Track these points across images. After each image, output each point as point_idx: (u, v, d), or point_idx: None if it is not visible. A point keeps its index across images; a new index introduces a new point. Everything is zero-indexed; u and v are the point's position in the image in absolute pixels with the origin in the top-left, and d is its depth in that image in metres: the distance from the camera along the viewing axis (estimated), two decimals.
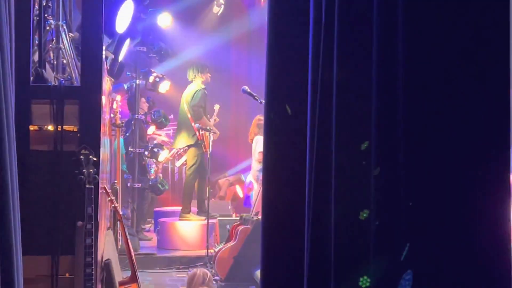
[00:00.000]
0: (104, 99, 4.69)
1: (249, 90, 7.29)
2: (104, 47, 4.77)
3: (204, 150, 9.05)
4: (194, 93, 9.15)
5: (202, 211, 9.16)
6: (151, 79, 9.39)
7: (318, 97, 2.64)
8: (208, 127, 8.87)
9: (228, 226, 8.31)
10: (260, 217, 7.43)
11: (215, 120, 10.06)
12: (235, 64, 13.30)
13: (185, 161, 10.67)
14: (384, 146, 2.36)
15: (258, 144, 9.56)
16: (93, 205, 3.98)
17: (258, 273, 6.95)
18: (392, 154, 2.32)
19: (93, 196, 3.99)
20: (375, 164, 2.38)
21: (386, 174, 2.34)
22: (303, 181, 2.82)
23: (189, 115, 9.16)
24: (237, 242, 7.39)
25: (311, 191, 2.69)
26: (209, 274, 5.71)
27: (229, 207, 11.28)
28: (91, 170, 4.00)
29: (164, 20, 9.45)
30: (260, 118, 9.90)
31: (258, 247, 7.42)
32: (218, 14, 12.79)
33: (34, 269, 4.07)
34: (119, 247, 7.09)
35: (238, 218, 8.25)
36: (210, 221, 8.54)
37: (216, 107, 10.22)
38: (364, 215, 2.40)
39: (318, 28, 2.69)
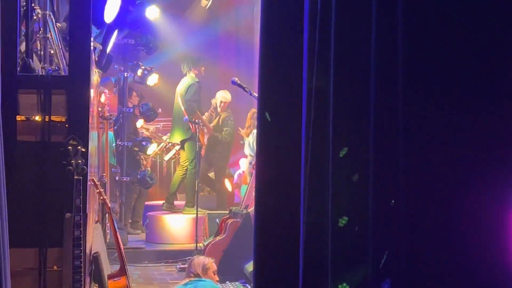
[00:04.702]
0: (92, 91, 4.61)
1: (239, 82, 7.23)
2: (91, 38, 4.70)
3: (199, 143, 8.94)
4: (188, 87, 9.05)
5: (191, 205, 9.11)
6: (139, 72, 9.33)
7: (312, 101, 2.56)
8: (198, 121, 8.78)
9: (217, 220, 8.27)
10: (249, 210, 7.42)
11: (211, 114, 9.88)
12: (223, 58, 13.23)
13: (174, 155, 10.58)
14: (362, 152, 2.30)
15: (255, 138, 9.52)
16: (81, 197, 3.92)
17: (248, 266, 6.91)
18: (370, 160, 2.25)
19: (81, 188, 3.93)
20: (353, 170, 2.33)
21: (365, 180, 2.27)
22: (297, 183, 2.75)
23: (183, 109, 9.06)
24: (226, 236, 7.35)
25: (305, 195, 2.60)
26: (207, 262, 5.52)
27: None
28: (79, 161, 3.93)
29: (152, 12, 9.37)
30: (255, 111, 9.82)
31: (248, 241, 7.42)
32: (207, 7, 12.72)
33: (21, 261, 4.00)
34: (108, 240, 7.04)
35: (227, 211, 8.20)
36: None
37: (214, 101, 10.03)
38: (343, 221, 2.33)
39: (312, 36, 2.61)
